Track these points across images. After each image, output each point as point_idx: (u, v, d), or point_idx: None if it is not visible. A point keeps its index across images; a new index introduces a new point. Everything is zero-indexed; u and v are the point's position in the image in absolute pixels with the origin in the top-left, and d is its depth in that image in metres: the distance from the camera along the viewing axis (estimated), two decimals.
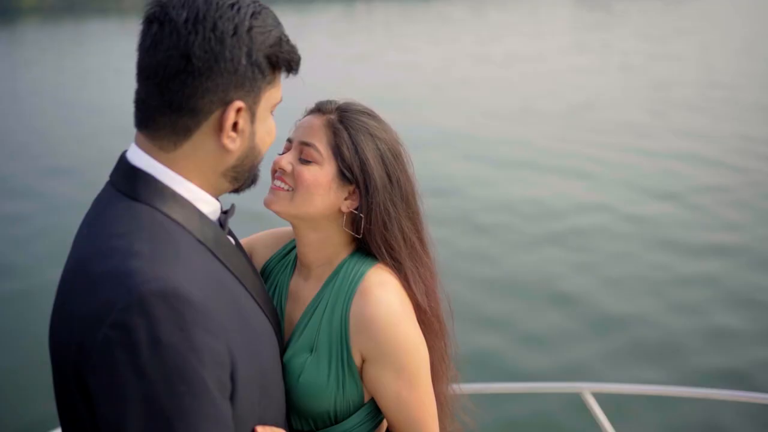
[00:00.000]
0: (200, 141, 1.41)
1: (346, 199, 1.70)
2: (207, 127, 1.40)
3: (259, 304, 1.53)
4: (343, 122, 1.70)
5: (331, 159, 1.68)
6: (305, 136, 1.70)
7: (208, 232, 1.44)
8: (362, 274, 1.70)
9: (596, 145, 12.58)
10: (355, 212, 1.71)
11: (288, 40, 1.46)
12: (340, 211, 1.71)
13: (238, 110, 1.40)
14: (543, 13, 40.21)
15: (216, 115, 1.39)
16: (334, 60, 22.85)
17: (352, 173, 1.68)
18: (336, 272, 1.74)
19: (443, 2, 48.57)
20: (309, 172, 1.67)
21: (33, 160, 13.01)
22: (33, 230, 9.45)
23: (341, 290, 1.70)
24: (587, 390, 2.99)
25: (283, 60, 1.45)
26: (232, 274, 1.46)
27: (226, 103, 1.39)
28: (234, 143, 1.43)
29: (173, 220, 1.39)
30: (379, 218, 1.69)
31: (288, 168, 1.68)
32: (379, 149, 1.70)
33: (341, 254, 1.76)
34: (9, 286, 7.82)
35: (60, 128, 15.49)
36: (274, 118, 1.52)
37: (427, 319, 1.76)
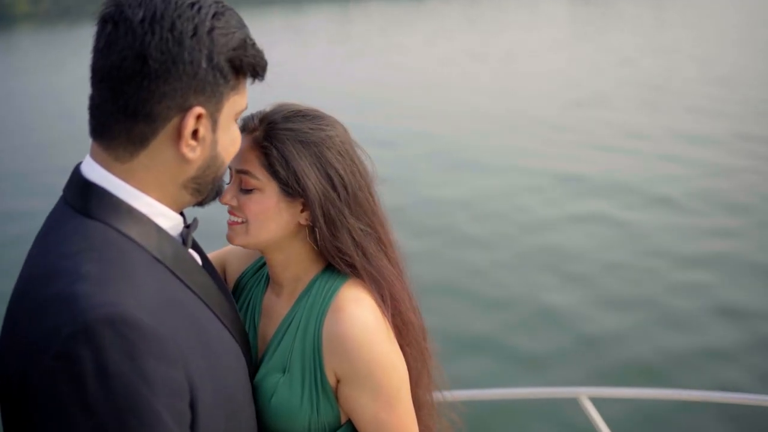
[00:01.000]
0: (158, 150, 1.32)
1: (302, 211, 1.62)
2: (165, 134, 1.31)
3: (224, 324, 1.44)
4: (268, 137, 1.59)
5: (270, 180, 1.58)
6: (239, 164, 1.60)
7: (168, 248, 1.35)
8: (335, 290, 1.62)
9: (587, 147, 12.50)
10: (312, 224, 1.63)
11: (254, 44, 1.38)
12: (300, 224, 1.63)
13: (199, 117, 1.31)
14: (538, 11, 40.18)
15: (174, 122, 1.30)
16: (325, 60, 22.77)
17: (292, 188, 1.58)
18: (308, 288, 1.66)
19: (437, 1, 48.54)
20: (253, 202, 1.59)
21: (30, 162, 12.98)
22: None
23: (314, 307, 1.62)
24: (584, 395, 2.93)
25: (247, 64, 1.36)
26: (194, 293, 1.37)
27: (185, 109, 1.30)
28: (194, 152, 1.34)
29: (128, 237, 1.30)
30: (326, 227, 1.59)
31: (233, 203, 1.60)
32: (313, 155, 1.59)
33: (313, 269, 1.67)
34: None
35: (58, 133, 15.42)
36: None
37: (401, 324, 1.67)
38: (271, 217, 1.59)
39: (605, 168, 11.19)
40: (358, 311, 1.58)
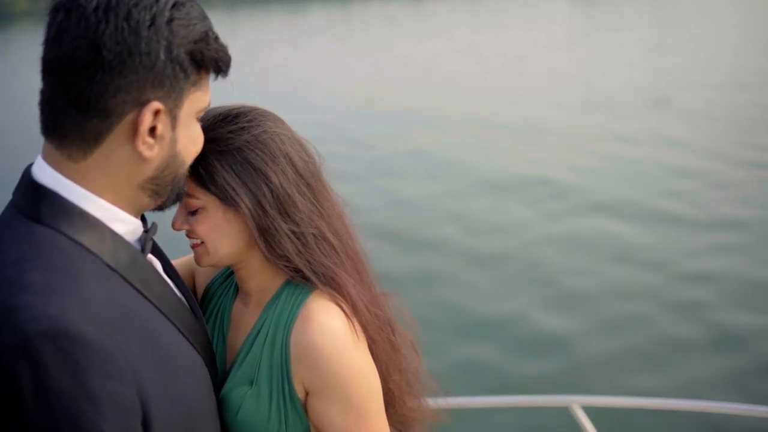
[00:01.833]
0: (112, 148, 1.24)
1: None
2: (120, 131, 1.23)
3: (185, 335, 1.36)
4: None
5: (208, 195, 1.50)
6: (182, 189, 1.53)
7: (123, 256, 1.27)
8: (303, 298, 1.54)
9: (580, 152, 12.42)
10: None
11: (216, 38, 1.30)
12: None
13: (156, 113, 1.23)
14: (537, 11, 40.15)
15: (130, 117, 1.22)
16: (325, 58, 22.75)
17: (228, 200, 1.49)
18: (276, 296, 1.58)
19: (436, 1, 48.56)
20: (201, 222, 1.51)
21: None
22: None
23: (282, 316, 1.55)
24: (576, 403, 2.89)
25: (209, 58, 1.28)
26: (151, 303, 1.29)
27: (141, 104, 1.22)
28: (151, 150, 1.26)
29: (79, 244, 1.22)
30: (262, 239, 1.51)
31: (185, 227, 1.53)
32: (237, 163, 1.49)
33: (280, 276, 1.59)
34: None
35: None
36: None
37: (364, 322, 1.57)
38: (224, 232, 1.52)
39: (597, 175, 11.13)
40: (327, 320, 1.51)
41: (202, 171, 1.48)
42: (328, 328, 1.50)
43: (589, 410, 2.91)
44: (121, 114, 1.21)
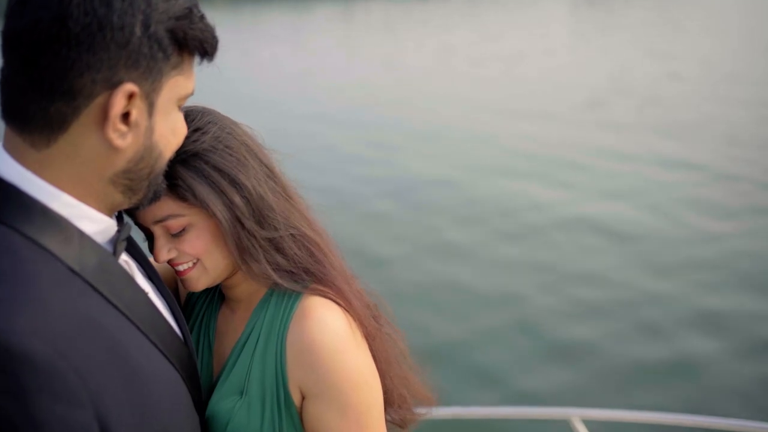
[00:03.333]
0: (79, 135, 1.09)
1: None
2: (88, 116, 1.08)
3: (159, 348, 1.20)
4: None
5: (191, 209, 1.36)
6: (156, 214, 1.36)
7: (90, 259, 1.12)
8: (298, 297, 1.42)
9: (581, 149, 12.28)
10: None
11: (202, 16, 1.15)
12: None
13: (131, 96, 1.08)
14: (540, 11, 40.02)
15: (100, 100, 1.07)
16: (327, 57, 22.69)
17: (210, 210, 1.36)
18: (266, 298, 1.45)
19: (440, 1, 48.49)
20: (194, 239, 1.38)
21: None
22: None
23: (275, 317, 1.42)
24: (576, 416, 2.82)
25: (192, 38, 1.13)
26: (120, 312, 1.14)
27: (113, 85, 1.07)
28: (123, 139, 1.10)
29: (39, 244, 1.07)
30: (242, 254, 1.38)
31: (173, 254, 1.39)
32: (203, 167, 1.35)
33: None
34: None
35: None
36: None
37: (364, 322, 1.48)
38: (218, 243, 1.39)
39: (598, 175, 10.99)
40: (327, 316, 1.39)
41: (179, 183, 1.34)
42: (328, 326, 1.38)
43: (590, 423, 2.84)
44: (90, 96, 1.06)
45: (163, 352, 1.21)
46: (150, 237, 1.41)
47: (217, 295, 1.57)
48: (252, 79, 18.85)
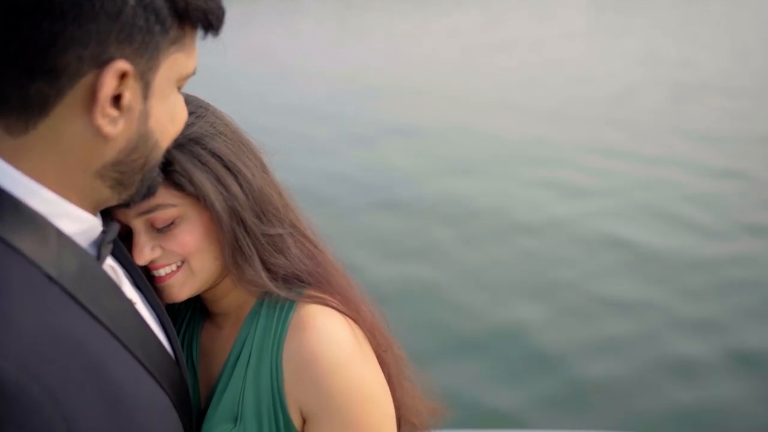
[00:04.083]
0: (63, 120, 0.93)
1: None
2: (73, 98, 0.92)
3: (147, 369, 1.06)
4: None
5: (185, 198, 1.20)
6: (141, 203, 1.18)
7: (69, 263, 0.97)
8: (293, 305, 1.26)
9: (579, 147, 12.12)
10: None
11: None
12: None
13: (123, 76, 0.93)
14: (547, 4, 39.74)
15: (87, 80, 0.92)
16: (323, 45, 22.57)
17: (205, 201, 1.20)
18: (257, 308, 1.29)
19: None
20: (181, 237, 1.21)
21: None
22: None
23: (267, 331, 1.26)
24: None
25: (195, 9, 0.98)
26: (103, 325, 0.99)
27: (102, 63, 0.91)
28: (114, 125, 0.95)
29: (9, 245, 0.92)
30: (234, 256, 1.23)
31: (156, 253, 1.21)
32: (200, 153, 1.21)
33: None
34: None
35: None
36: None
37: (372, 330, 1.34)
38: (212, 240, 1.23)
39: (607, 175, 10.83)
40: (328, 325, 1.24)
41: (176, 169, 1.19)
42: (330, 336, 1.23)
43: None
44: (75, 75, 0.91)
45: (152, 372, 1.06)
46: (124, 234, 1.23)
47: (198, 311, 1.40)
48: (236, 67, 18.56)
